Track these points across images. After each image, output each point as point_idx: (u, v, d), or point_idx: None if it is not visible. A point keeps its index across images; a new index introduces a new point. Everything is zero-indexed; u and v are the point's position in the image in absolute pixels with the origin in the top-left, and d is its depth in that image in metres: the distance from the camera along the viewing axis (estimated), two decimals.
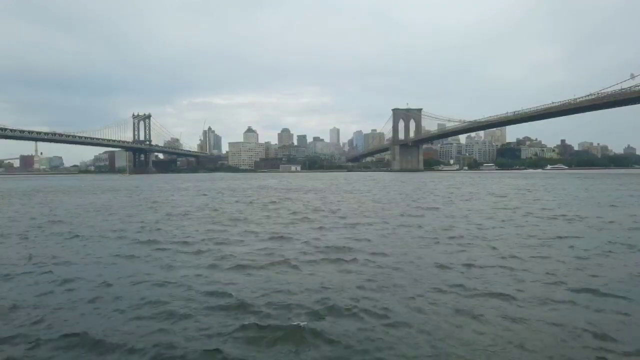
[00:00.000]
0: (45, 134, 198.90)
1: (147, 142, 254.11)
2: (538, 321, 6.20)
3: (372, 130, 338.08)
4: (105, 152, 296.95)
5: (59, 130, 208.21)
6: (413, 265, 9.71)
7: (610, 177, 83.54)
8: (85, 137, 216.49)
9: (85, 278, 8.84)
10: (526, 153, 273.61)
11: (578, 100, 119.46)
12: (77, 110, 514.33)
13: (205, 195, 39.98)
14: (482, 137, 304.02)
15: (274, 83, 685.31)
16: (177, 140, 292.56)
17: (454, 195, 35.94)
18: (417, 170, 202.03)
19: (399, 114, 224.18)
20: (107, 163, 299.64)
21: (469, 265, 9.53)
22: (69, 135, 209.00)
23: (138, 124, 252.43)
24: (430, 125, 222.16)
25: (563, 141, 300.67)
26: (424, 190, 44.58)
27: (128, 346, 5.52)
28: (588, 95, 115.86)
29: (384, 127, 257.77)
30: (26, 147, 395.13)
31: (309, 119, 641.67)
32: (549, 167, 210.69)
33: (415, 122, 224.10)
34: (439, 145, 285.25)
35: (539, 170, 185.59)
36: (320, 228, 16.09)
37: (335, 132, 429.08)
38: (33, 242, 13.64)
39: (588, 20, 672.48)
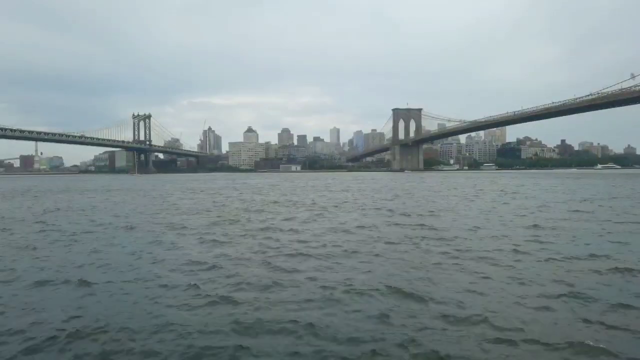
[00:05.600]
0: (45, 134, 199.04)
1: (147, 142, 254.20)
2: None
3: (372, 130, 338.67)
4: (105, 152, 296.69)
5: (59, 130, 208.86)
6: None
7: None
8: (85, 137, 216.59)
9: None
10: (526, 153, 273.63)
11: (578, 100, 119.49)
12: (77, 110, 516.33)
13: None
14: (482, 137, 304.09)
15: (274, 83, 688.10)
16: (177, 140, 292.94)
17: None
18: (417, 170, 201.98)
19: (399, 114, 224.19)
20: (107, 163, 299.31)
21: None
22: (69, 135, 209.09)
23: (138, 124, 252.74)
24: (430, 125, 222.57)
25: (563, 141, 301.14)
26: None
27: None
28: (588, 95, 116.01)
29: (384, 127, 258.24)
30: (26, 147, 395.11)
31: (308, 119, 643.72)
32: (599, 166, 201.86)
33: (415, 122, 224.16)
34: (439, 145, 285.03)
35: (591, 170, 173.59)
36: None
37: (335, 132, 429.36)
38: None
39: (587, 20, 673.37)
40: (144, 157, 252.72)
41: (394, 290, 7.67)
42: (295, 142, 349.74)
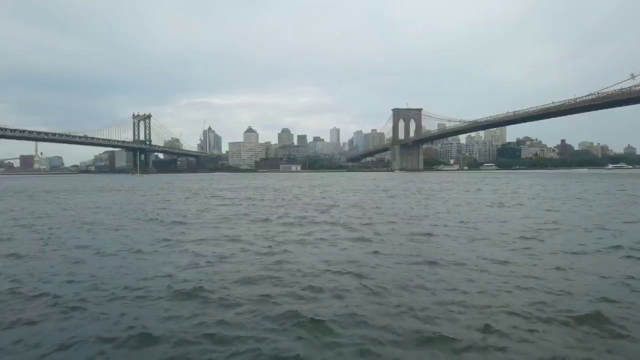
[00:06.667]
0: (45, 134, 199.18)
1: (148, 142, 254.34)
2: None
3: (372, 130, 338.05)
4: (105, 152, 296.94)
5: (59, 130, 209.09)
6: None
7: None
8: (85, 137, 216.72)
9: None
10: (526, 153, 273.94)
11: (578, 100, 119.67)
12: (77, 110, 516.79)
13: None
14: (482, 137, 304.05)
15: (273, 83, 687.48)
16: (178, 140, 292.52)
17: None
18: (417, 170, 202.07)
19: (399, 114, 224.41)
20: (107, 163, 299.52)
21: None
22: (69, 135, 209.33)
23: (138, 124, 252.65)
24: (430, 125, 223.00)
25: (563, 141, 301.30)
26: None
27: None
28: (588, 95, 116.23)
29: (384, 127, 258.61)
30: (26, 147, 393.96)
31: (308, 119, 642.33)
32: (610, 165, 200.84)
33: (415, 122, 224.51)
34: (439, 145, 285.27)
35: (603, 170, 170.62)
36: None
37: (335, 132, 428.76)
38: None
39: (588, 20, 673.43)
40: (144, 157, 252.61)
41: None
42: (295, 142, 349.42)
